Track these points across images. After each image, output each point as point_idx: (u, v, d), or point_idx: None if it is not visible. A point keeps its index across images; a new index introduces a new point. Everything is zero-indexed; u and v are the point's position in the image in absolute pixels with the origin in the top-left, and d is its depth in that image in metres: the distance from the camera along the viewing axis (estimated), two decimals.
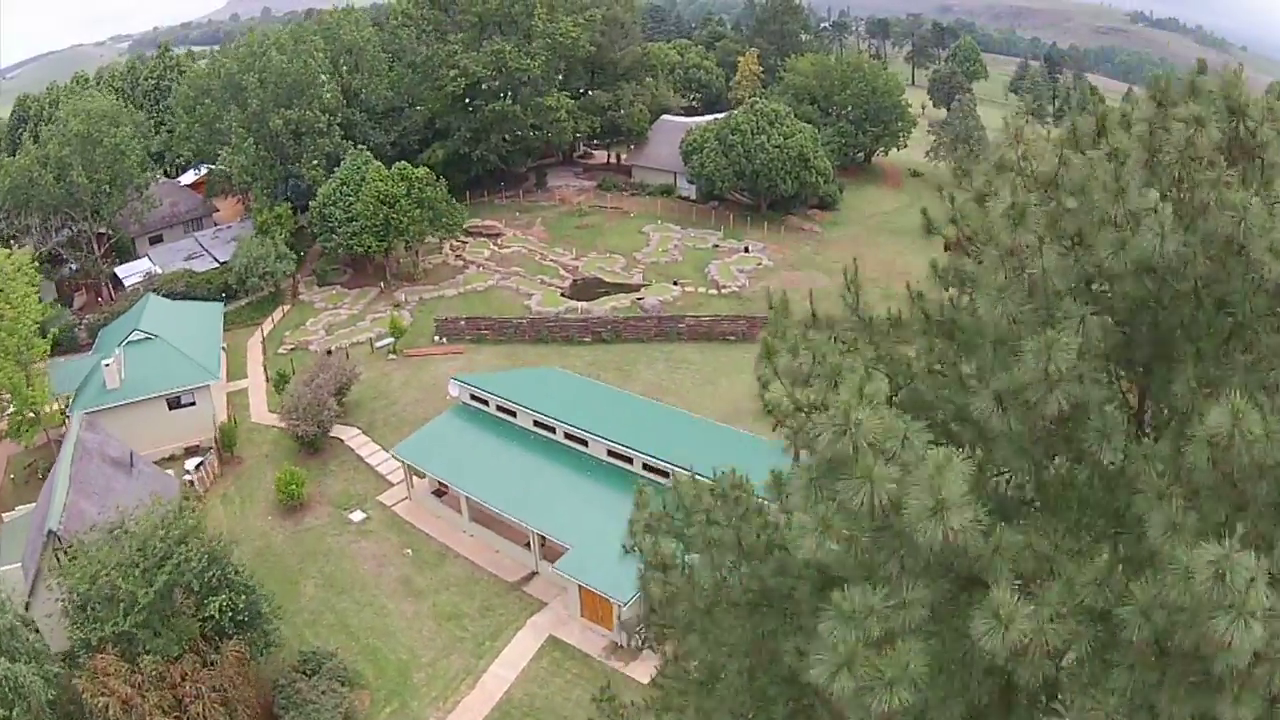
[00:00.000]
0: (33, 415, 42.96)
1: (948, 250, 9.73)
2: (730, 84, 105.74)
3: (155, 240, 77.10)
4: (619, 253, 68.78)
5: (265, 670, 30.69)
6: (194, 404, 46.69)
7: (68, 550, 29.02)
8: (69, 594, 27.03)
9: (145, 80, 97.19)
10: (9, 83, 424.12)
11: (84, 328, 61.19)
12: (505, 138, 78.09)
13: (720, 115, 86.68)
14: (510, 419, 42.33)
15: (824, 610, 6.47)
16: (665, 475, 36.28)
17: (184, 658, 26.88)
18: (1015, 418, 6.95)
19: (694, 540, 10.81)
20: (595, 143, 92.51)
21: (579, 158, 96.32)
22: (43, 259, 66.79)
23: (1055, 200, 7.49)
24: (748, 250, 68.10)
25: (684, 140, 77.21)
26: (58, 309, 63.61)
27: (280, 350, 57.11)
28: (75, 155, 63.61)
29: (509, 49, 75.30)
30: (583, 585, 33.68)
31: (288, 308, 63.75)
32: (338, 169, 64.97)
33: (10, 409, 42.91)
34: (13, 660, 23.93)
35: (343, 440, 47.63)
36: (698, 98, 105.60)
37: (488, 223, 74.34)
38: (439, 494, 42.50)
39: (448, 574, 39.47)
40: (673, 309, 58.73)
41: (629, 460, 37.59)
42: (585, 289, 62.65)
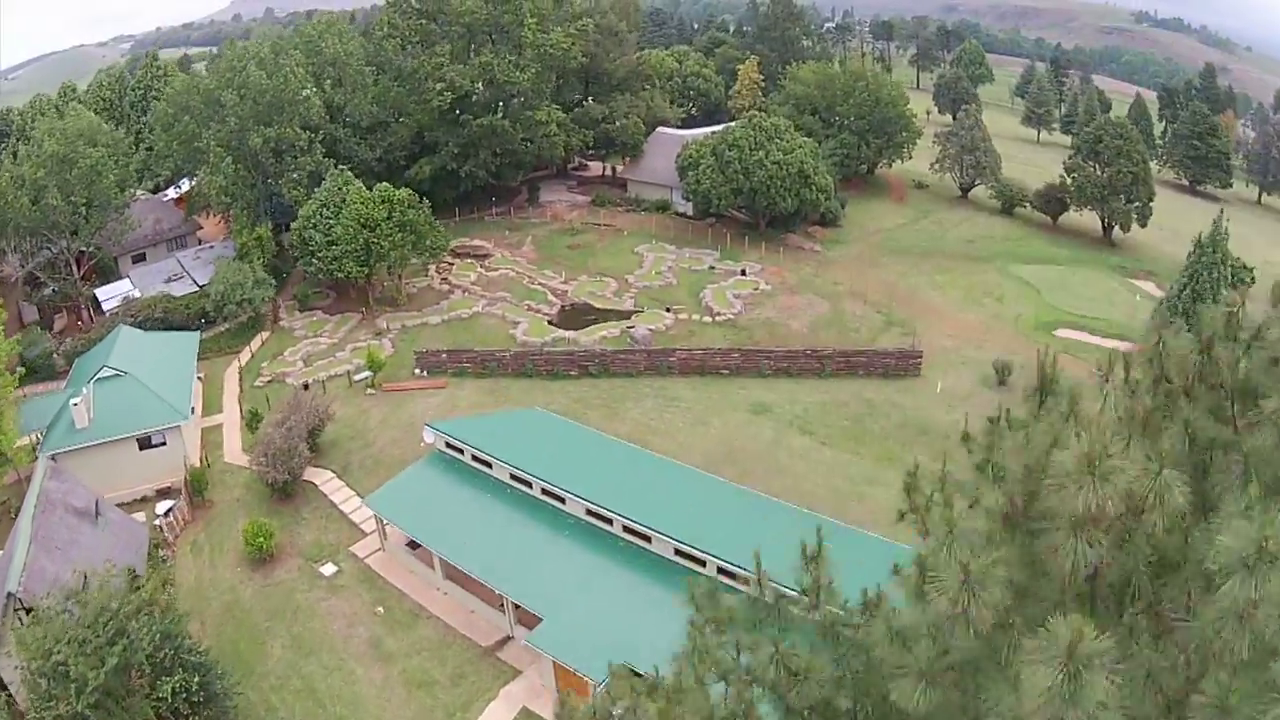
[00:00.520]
0: (1, 455, 41.43)
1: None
2: (730, 93, 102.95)
3: (138, 259, 75.12)
4: (610, 275, 66.19)
5: None
6: (165, 444, 45.04)
7: (29, 611, 28.36)
8: (26, 664, 26.31)
9: (133, 90, 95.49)
10: (10, 83, 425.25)
11: (61, 354, 59.23)
12: (495, 153, 75.57)
13: (718, 128, 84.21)
14: (486, 469, 39.96)
15: None
16: (646, 539, 34.06)
17: None
18: None
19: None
20: (591, 153, 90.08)
21: (574, 169, 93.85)
22: (23, 281, 65.34)
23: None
24: (744, 273, 65.41)
25: (680, 155, 74.62)
26: (36, 333, 61.94)
27: (257, 383, 55.07)
28: (50, 177, 61.69)
29: (498, 61, 72.78)
30: (556, 661, 31.29)
31: (267, 335, 61.54)
32: (319, 188, 62.65)
33: None
34: None
35: (316, 485, 45.51)
36: (696, 107, 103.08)
37: (475, 242, 71.82)
38: (413, 545, 40.14)
39: (420, 636, 37.34)
40: (664, 339, 56.19)
41: (609, 521, 35.15)
42: (574, 316, 60.13)
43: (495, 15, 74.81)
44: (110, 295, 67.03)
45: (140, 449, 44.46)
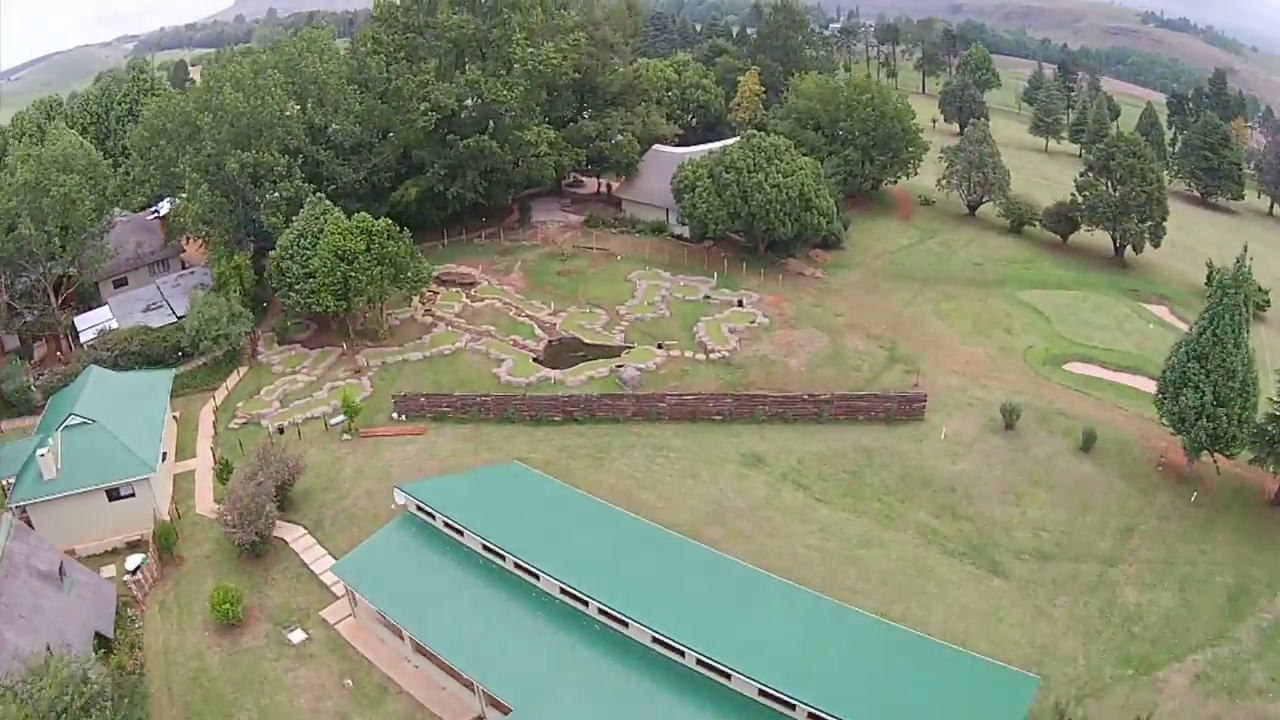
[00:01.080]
0: None
1: None
2: (730, 105, 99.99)
3: (120, 283, 73.46)
4: (601, 305, 63.42)
5: None
6: (134, 495, 43.54)
7: None
8: None
9: (119, 104, 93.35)
10: (13, 84, 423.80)
11: (38, 388, 57.31)
12: (483, 174, 72.81)
13: (716, 146, 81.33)
14: (458, 536, 37.52)
15: None
16: (623, 624, 31.61)
17: None
18: None
19: None
20: (587, 167, 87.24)
21: (568, 185, 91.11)
22: (2, 309, 63.49)
23: None
24: (741, 304, 62.54)
25: (675, 176, 71.73)
26: (14, 364, 60.51)
27: (232, 424, 53.03)
28: (23, 206, 59.52)
29: (485, 78, 69.94)
30: None
31: (244, 370, 59.28)
32: (298, 216, 60.16)
33: None
34: None
35: (287, 542, 43.72)
36: (696, 119, 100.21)
37: (462, 269, 69.10)
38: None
39: (388, 712, 35.62)
40: (654, 379, 53.49)
41: (584, 602, 32.66)
42: (561, 353, 57.43)
43: (483, 30, 71.93)
44: (89, 325, 65.29)
45: (109, 500, 43.00)
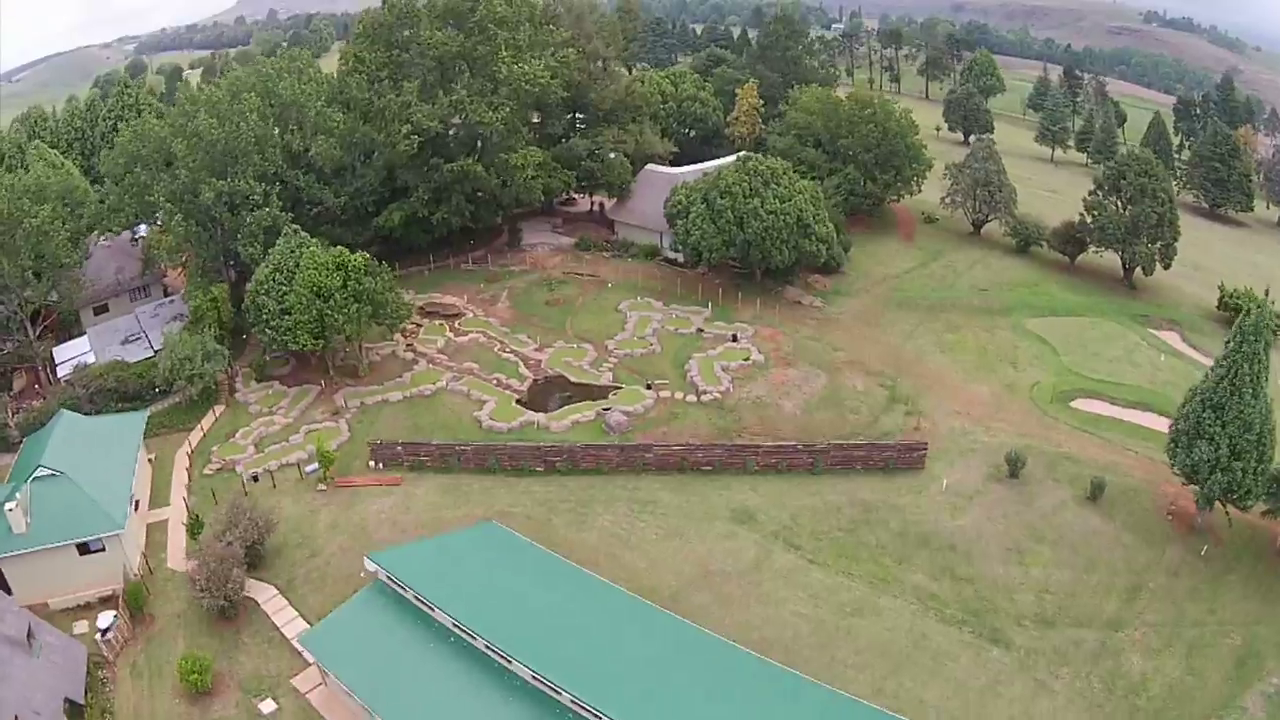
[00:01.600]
0: None
1: None
2: (728, 119, 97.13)
3: (100, 310, 72.02)
4: (589, 339, 60.91)
5: None
6: (105, 550, 41.96)
7: None
8: None
9: (104, 120, 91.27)
10: (14, 86, 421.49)
11: (15, 425, 55.61)
12: (469, 198, 70.23)
13: (711, 165, 78.67)
14: (430, 610, 35.23)
15: None
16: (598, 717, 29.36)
17: None
18: None
19: None
20: (580, 184, 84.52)
21: (560, 203, 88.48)
22: None
23: None
24: (735, 339, 59.92)
25: (668, 200, 69.08)
26: None
27: (206, 470, 51.27)
28: None
29: (469, 99, 67.30)
30: None
31: (221, 409, 57.25)
32: (274, 246, 57.80)
33: None
34: None
35: (258, 603, 41.98)
36: (694, 132, 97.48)
37: (447, 299, 66.58)
38: None
39: None
40: (642, 423, 51.07)
41: (557, 690, 30.35)
42: (545, 394, 55.05)
43: (468, 47, 69.23)
44: (66, 357, 64.32)
45: (81, 554, 41.83)
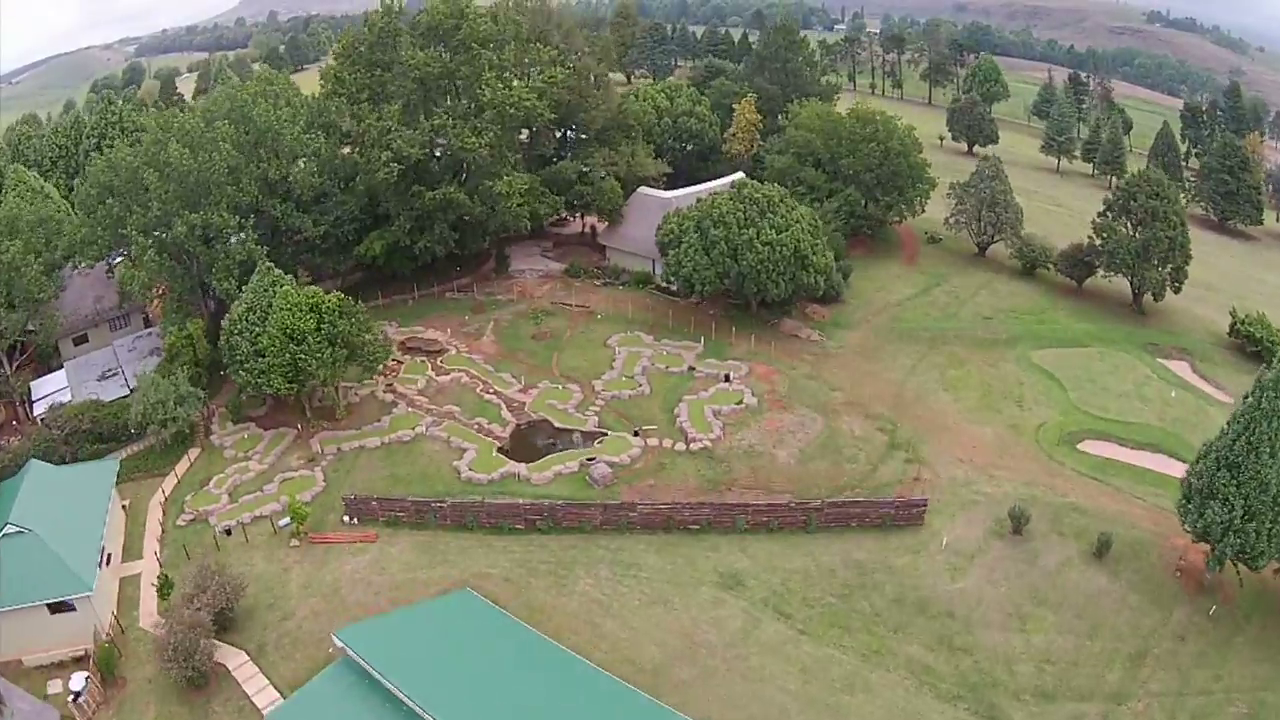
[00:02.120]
0: None
1: None
2: (725, 135, 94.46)
3: (80, 340, 70.70)
4: (576, 378, 58.51)
5: None
6: (75, 609, 41.11)
7: None
8: None
9: (87, 138, 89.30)
10: (14, 88, 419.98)
11: None
12: (453, 225, 67.87)
13: (704, 189, 76.25)
14: (398, 691, 33.13)
15: None
16: None
17: None
18: None
19: None
20: (571, 205, 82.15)
21: (551, 224, 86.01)
22: None
23: None
24: (728, 379, 57.47)
25: (660, 228, 66.63)
26: None
27: (179, 521, 49.60)
28: None
29: (452, 123, 64.91)
30: None
31: (197, 452, 55.38)
32: (248, 283, 55.70)
33: None
34: None
35: (229, 670, 40.20)
36: (691, 147, 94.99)
37: (429, 334, 64.20)
38: None
39: None
40: (628, 474, 48.75)
41: None
42: (528, 440, 52.79)
43: (452, 68, 66.72)
44: (43, 393, 63.61)
45: (52, 612, 41.07)
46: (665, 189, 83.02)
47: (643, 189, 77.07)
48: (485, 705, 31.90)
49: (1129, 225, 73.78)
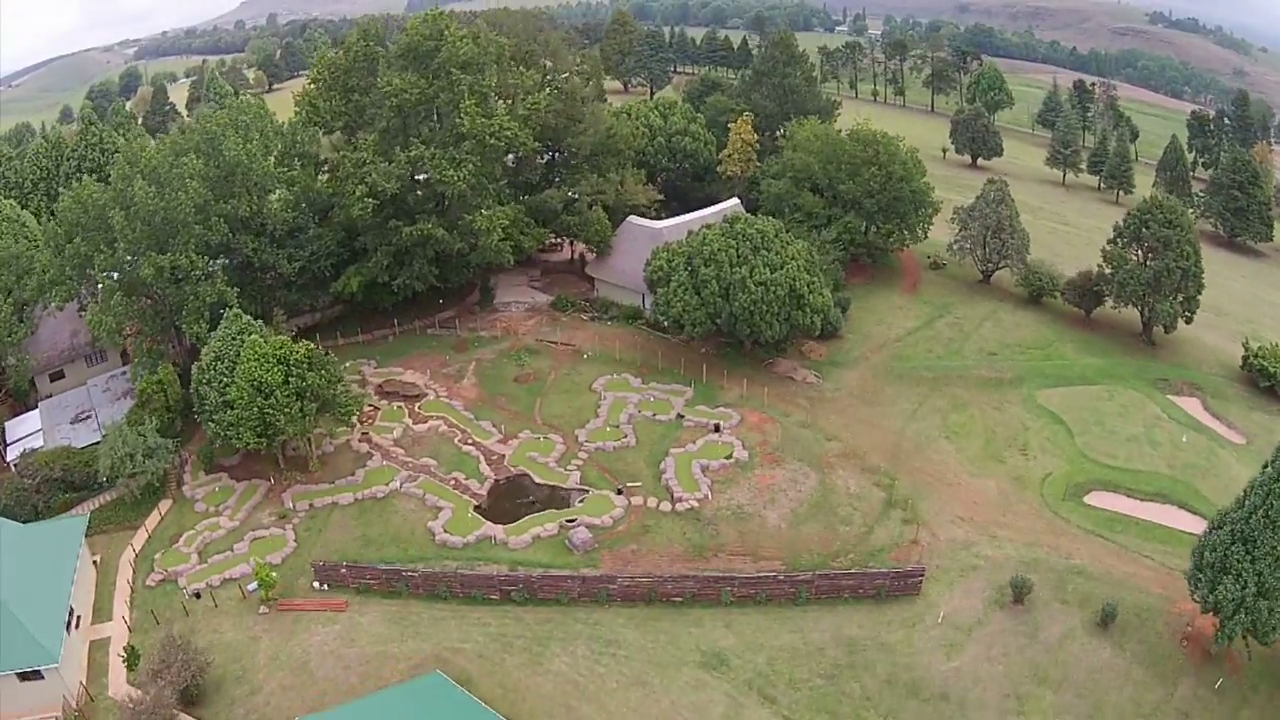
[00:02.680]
0: None
1: None
2: (721, 155, 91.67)
3: (56, 376, 68.79)
4: (559, 427, 56.04)
5: None
6: (43, 678, 39.93)
7: None
8: None
9: (68, 160, 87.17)
10: (13, 91, 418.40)
11: None
12: (432, 260, 65.48)
13: (696, 217, 73.78)
14: None
15: None
16: None
17: None
18: None
19: None
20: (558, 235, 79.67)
21: (540, 251, 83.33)
22: None
23: None
24: (718, 430, 54.97)
25: (649, 263, 64.08)
26: None
27: (149, 582, 47.71)
28: None
29: (430, 155, 62.48)
30: None
31: (168, 504, 53.31)
32: (217, 329, 53.48)
33: None
34: None
35: None
36: (688, 164, 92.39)
37: (408, 377, 61.69)
38: None
39: None
40: (610, 537, 46.36)
41: None
42: (507, 498, 50.37)
43: (430, 94, 64.23)
44: (17, 436, 62.23)
45: (21, 679, 39.95)
46: (658, 214, 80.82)
47: (632, 219, 74.41)
48: None
49: (1140, 253, 71.10)
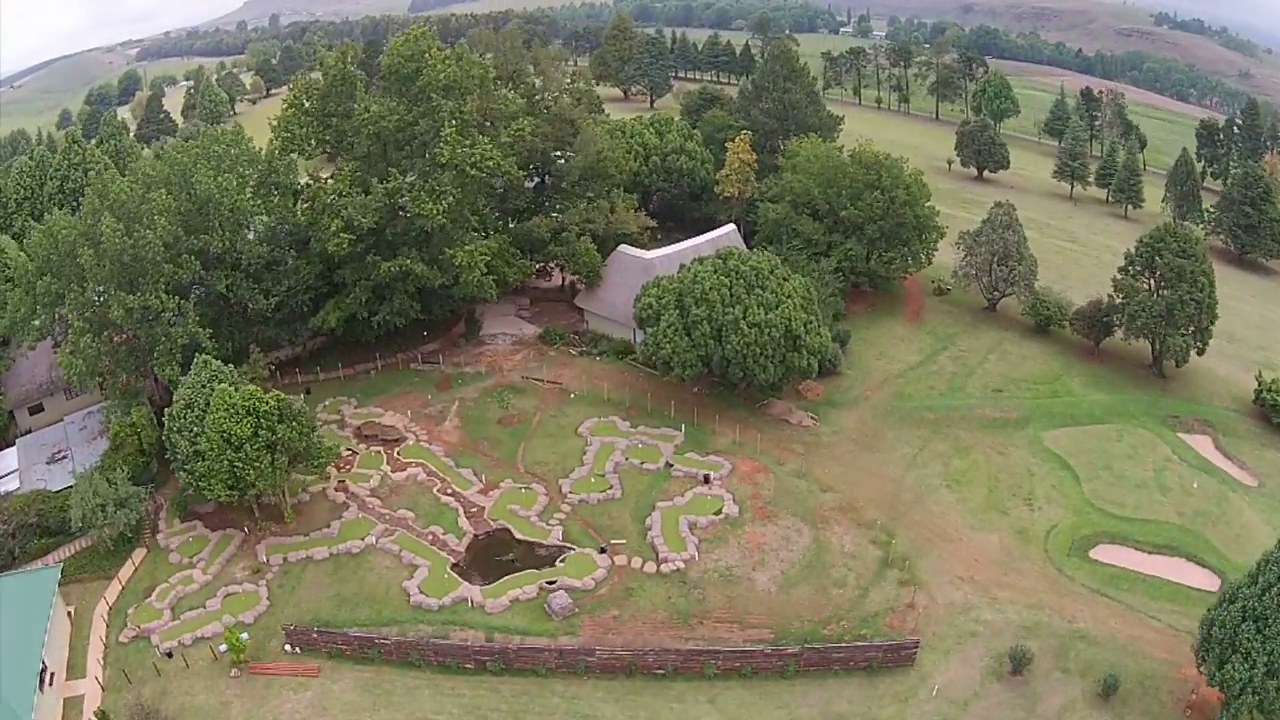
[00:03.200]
0: None
1: None
2: (718, 175, 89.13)
3: (35, 410, 66.71)
4: (542, 476, 53.70)
5: None
6: None
7: None
8: None
9: (51, 180, 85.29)
10: (16, 92, 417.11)
11: None
12: (412, 295, 63.32)
13: (688, 247, 71.45)
14: None
15: None
16: None
17: None
18: None
19: None
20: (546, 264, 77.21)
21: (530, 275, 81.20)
22: None
23: None
24: (707, 482, 52.59)
25: (638, 300, 61.59)
26: None
27: (122, 638, 45.89)
28: None
29: (409, 187, 59.99)
30: None
31: (142, 554, 51.42)
32: (188, 374, 51.47)
33: None
34: None
35: None
36: (686, 181, 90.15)
37: (388, 419, 59.36)
38: None
39: None
40: (591, 602, 44.07)
41: None
42: (486, 556, 48.15)
43: (408, 121, 61.63)
44: None
45: None
46: (653, 234, 78.72)
47: (623, 248, 71.92)
48: None
49: (1152, 283, 68.50)
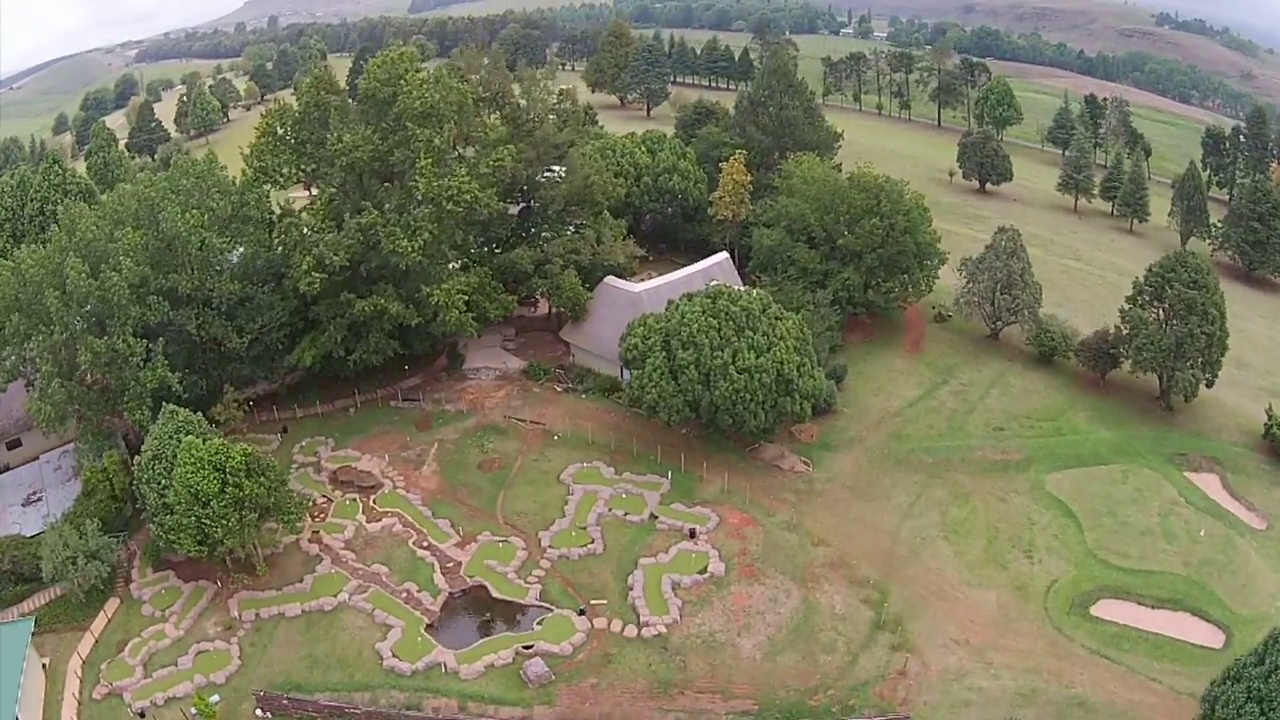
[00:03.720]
0: None
1: None
2: (711, 196, 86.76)
3: (13, 445, 64.81)
4: (521, 528, 51.60)
5: None
6: None
7: None
8: None
9: (31, 201, 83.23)
10: (15, 93, 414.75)
11: None
12: (391, 332, 61.28)
13: (679, 278, 69.27)
14: None
15: None
16: None
17: None
18: None
19: None
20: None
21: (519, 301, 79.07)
22: None
23: None
24: (693, 536, 50.45)
25: (624, 339, 59.17)
26: None
27: (95, 695, 44.31)
28: None
29: (382, 223, 58.06)
30: None
31: (115, 604, 49.68)
32: (155, 425, 49.56)
33: None
34: None
35: None
36: (670, 210, 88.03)
37: (364, 463, 57.10)
38: None
39: None
40: (568, 669, 42.04)
41: None
42: (462, 615, 46.30)
43: (382, 151, 59.54)
44: None
45: None
46: (644, 258, 76.61)
47: (610, 280, 69.53)
48: None
49: (1161, 313, 66.07)
